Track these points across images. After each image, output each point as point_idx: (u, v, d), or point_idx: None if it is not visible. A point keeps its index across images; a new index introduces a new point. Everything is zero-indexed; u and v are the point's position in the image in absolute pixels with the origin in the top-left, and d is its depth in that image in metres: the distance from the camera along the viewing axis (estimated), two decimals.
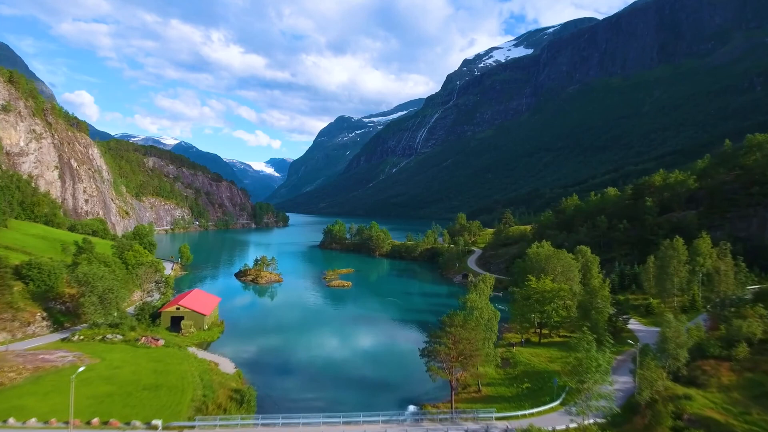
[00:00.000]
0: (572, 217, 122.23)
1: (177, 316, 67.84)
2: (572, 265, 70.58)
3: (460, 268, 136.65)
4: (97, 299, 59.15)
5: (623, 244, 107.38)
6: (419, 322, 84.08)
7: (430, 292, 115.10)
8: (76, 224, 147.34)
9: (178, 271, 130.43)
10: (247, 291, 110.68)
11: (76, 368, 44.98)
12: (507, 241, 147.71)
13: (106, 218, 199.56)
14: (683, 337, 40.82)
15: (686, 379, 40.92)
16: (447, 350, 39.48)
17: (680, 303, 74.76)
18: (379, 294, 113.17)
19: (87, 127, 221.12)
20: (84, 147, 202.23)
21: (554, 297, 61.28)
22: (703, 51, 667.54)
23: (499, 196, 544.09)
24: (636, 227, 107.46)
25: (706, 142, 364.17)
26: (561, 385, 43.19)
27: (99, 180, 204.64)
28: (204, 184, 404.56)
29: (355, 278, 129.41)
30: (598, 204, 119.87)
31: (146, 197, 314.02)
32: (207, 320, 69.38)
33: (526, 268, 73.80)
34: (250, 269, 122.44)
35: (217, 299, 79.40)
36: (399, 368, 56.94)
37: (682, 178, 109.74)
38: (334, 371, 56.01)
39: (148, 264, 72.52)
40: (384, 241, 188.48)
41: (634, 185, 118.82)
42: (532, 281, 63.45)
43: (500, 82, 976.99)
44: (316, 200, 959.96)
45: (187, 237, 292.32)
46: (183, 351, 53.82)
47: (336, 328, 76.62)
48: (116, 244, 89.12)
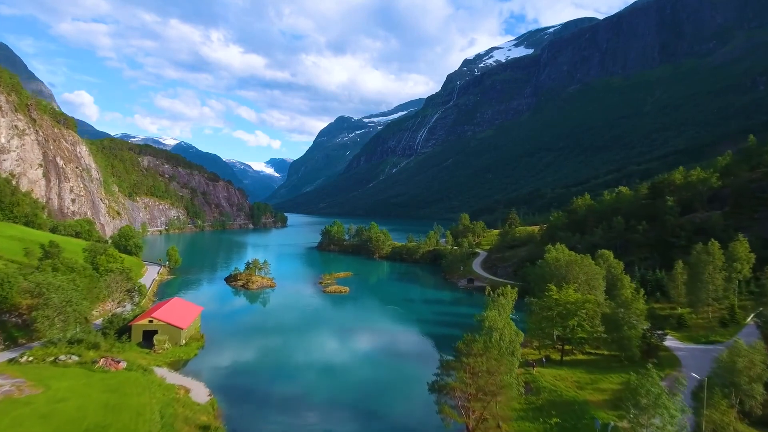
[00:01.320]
0: (585, 218, 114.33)
1: (150, 330, 59.88)
2: (597, 273, 62.63)
3: (465, 272, 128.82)
4: (53, 312, 51.32)
5: (642, 247, 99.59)
6: (423, 335, 76.27)
7: (433, 299, 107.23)
8: (58, 225, 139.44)
9: (165, 275, 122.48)
10: (236, 298, 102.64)
11: (11, 402, 37.15)
12: (514, 243, 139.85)
13: (95, 219, 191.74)
14: (758, 368, 33.07)
15: (759, 419, 33.20)
16: (463, 386, 31.65)
17: (715, 314, 67.04)
18: (379, 300, 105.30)
19: (75, 123, 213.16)
20: (71, 145, 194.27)
21: (578, 309, 53.42)
22: (704, 51, 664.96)
23: (500, 196, 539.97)
24: (655, 228, 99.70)
25: (710, 141, 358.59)
26: (603, 423, 35.36)
27: (87, 179, 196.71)
28: (200, 184, 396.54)
29: (354, 282, 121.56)
30: (613, 204, 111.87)
31: (140, 197, 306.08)
32: (185, 334, 61.47)
33: (543, 275, 65.75)
34: (241, 273, 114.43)
35: (199, 309, 71.43)
36: (402, 397, 48.93)
37: (705, 175, 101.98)
38: (325, 399, 48.10)
39: (118, 271, 64.64)
40: (384, 242, 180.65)
41: (651, 183, 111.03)
42: (553, 291, 55.55)
43: (500, 81, 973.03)
44: (316, 200, 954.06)
45: (182, 238, 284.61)
46: (148, 376, 45.84)
47: (329, 345, 68.17)
48: (88, 248, 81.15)
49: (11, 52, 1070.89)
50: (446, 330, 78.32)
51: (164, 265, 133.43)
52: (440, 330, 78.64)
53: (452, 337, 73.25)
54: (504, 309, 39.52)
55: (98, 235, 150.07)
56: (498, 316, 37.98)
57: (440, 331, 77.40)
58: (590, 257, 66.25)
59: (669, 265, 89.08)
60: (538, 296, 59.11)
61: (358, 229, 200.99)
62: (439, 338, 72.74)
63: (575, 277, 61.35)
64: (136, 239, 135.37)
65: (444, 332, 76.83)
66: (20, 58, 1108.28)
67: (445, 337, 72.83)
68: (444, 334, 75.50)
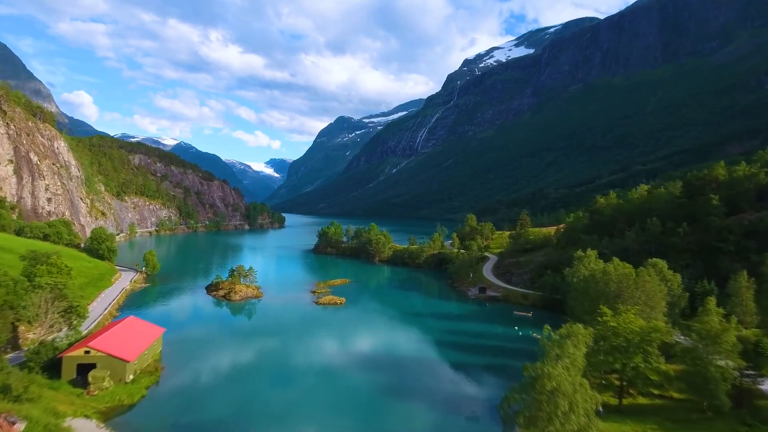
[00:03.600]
0: (612, 219, 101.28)
1: (86, 363, 46.63)
2: (658, 290, 49.46)
3: (475, 279, 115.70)
4: None
5: (682, 253, 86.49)
6: (431, 362, 63.00)
7: (441, 313, 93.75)
8: (24, 227, 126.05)
9: (139, 283, 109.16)
10: (215, 311, 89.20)
11: None
12: (527, 247, 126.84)
13: (74, 219, 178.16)
14: None
15: None
16: None
17: None
18: (378, 314, 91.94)
19: (53, 117, 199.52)
20: (48, 140, 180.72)
21: (644, 342, 40.32)
22: (707, 50, 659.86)
23: (501, 196, 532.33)
24: (697, 231, 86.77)
25: (717, 141, 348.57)
26: None
27: (66, 177, 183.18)
28: (194, 183, 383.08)
29: (351, 292, 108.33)
30: (644, 203, 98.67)
31: (129, 196, 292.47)
32: (132, 367, 48.17)
33: (588, 292, 52.32)
34: (223, 282, 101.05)
35: (159, 331, 58.09)
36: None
37: (754, 170, 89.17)
38: None
39: (48, 287, 51.57)
40: (385, 245, 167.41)
41: (686, 180, 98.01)
42: (607, 316, 42.48)
43: (501, 81, 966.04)
44: (316, 201, 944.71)
45: (172, 239, 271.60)
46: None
47: (316, 381, 52.70)
48: (28, 255, 67.90)
49: (10, 52, 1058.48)
50: (461, 356, 65.22)
51: (141, 271, 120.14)
52: (454, 356, 65.51)
53: (468, 367, 58.71)
54: (574, 361, 26.10)
55: (71, 237, 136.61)
56: (566, 375, 24.70)
57: (454, 358, 64.26)
58: (630, 266, 52.89)
59: (716, 275, 76.70)
60: (581, 319, 46.03)
61: (357, 231, 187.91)
62: (454, 368, 59.70)
63: (631, 296, 48.28)
64: (110, 242, 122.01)
65: (459, 359, 63.68)
66: (19, 57, 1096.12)
67: (460, 368, 59.71)
68: (459, 362, 62.38)
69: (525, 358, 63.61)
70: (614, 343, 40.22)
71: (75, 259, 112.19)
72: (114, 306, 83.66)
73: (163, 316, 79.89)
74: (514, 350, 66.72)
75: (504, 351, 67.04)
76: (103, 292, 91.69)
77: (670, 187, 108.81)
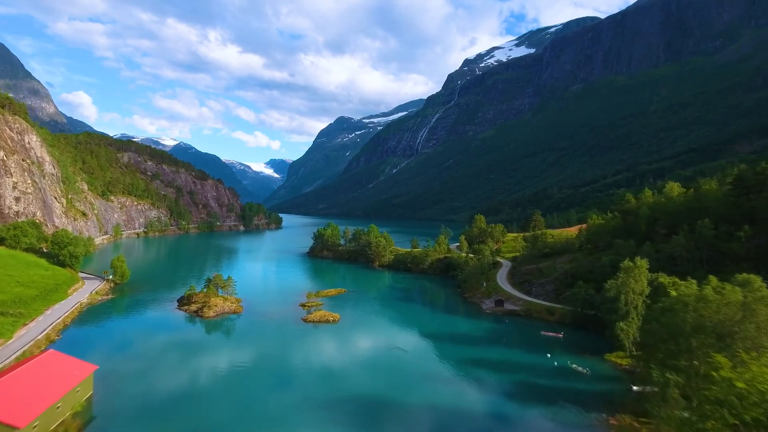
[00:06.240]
0: (650, 220, 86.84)
1: None
2: None
3: (488, 289, 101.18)
4: None
5: (742, 261, 72.35)
6: (445, 413, 48.13)
7: (452, 333, 78.44)
8: None
9: (102, 295, 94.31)
10: (181, 332, 73.88)
11: None
12: (546, 252, 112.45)
13: (46, 220, 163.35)
14: None
15: None
16: None
17: None
18: (378, 335, 76.93)
19: (25, 109, 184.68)
20: (17, 134, 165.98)
21: None
22: (711, 49, 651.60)
23: (503, 196, 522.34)
24: (761, 235, 72.54)
25: (724, 140, 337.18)
26: None
27: (38, 174, 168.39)
28: (187, 183, 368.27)
29: (347, 304, 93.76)
30: (690, 202, 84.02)
31: (115, 196, 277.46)
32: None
33: (681, 327, 35.92)
34: (197, 294, 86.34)
35: (86, 372, 43.51)
36: None
37: None
38: None
39: None
40: (385, 248, 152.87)
41: (738, 176, 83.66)
42: (725, 368, 28.09)
43: (502, 81, 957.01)
44: (315, 201, 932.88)
45: (161, 241, 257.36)
46: None
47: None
48: None
49: (8, 52, 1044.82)
50: (485, 400, 50.40)
51: (108, 279, 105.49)
52: (475, 398, 51.05)
53: (503, 419, 42.45)
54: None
55: (35, 241, 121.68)
56: None
57: (475, 404, 49.78)
58: (738, 289, 38.28)
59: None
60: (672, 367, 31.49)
61: (356, 233, 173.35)
62: (476, 418, 45.13)
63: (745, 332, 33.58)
64: (73, 247, 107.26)
65: (482, 406, 49.02)
66: (17, 57, 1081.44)
67: (489, 419, 44.96)
68: (483, 411, 47.71)
69: (568, 401, 49.30)
70: (745, 417, 25.67)
71: (29, 267, 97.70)
72: (58, 325, 68.99)
73: (111, 341, 65.41)
74: (552, 390, 52.22)
75: (538, 392, 52.35)
76: (51, 308, 77.00)
77: (710, 183, 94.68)
